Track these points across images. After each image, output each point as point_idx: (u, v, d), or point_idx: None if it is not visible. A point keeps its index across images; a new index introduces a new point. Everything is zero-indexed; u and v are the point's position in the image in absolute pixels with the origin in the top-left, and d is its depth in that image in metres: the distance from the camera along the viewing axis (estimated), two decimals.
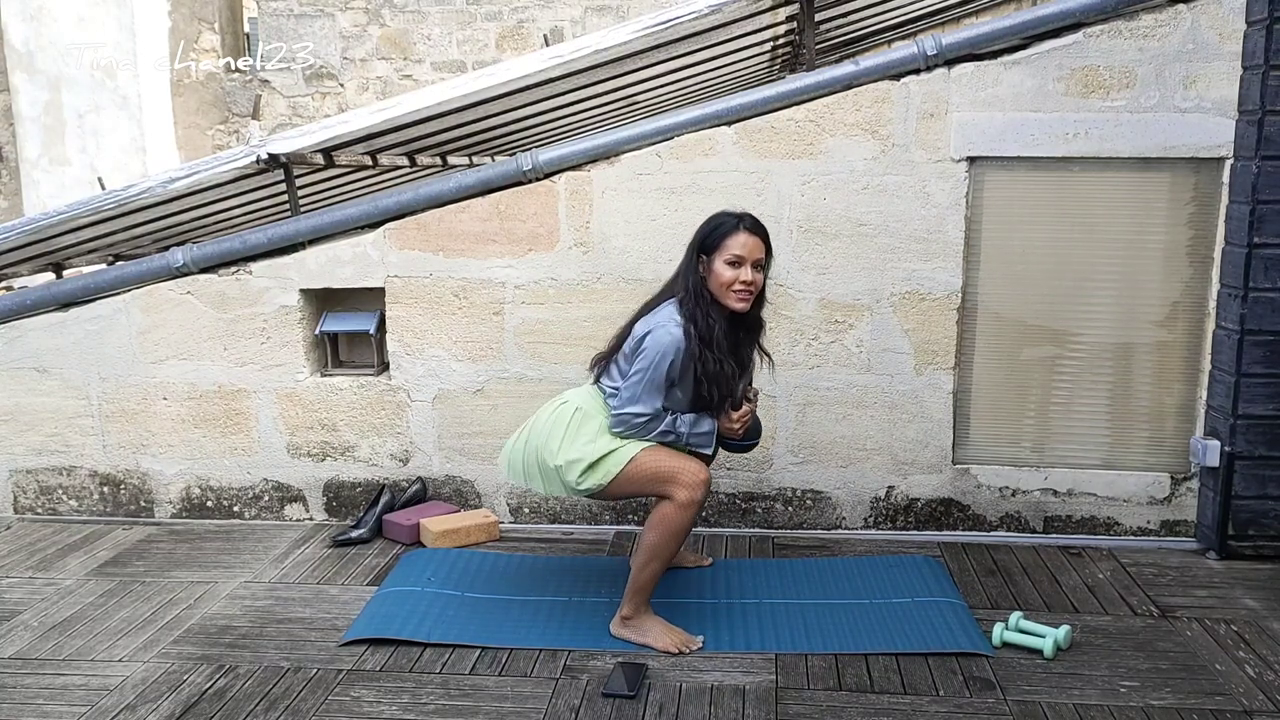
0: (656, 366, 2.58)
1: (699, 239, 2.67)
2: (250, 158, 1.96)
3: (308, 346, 3.64)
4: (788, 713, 2.38)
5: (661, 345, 2.58)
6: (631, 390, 2.62)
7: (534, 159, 2.61)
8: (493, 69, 1.96)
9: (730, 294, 2.62)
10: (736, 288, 2.61)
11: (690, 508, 2.60)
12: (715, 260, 2.62)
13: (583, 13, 7.66)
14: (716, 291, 2.63)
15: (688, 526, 2.65)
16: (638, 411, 2.62)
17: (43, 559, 3.39)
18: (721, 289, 2.62)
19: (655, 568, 2.67)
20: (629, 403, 2.62)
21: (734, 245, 2.61)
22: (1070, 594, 3.01)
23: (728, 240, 2.61)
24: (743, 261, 2.60)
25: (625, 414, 2.63)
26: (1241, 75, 3.14)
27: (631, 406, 2.62)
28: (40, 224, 2.07)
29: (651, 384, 2.60)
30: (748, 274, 2.61)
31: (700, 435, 2.69)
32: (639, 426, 2.63)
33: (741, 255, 2.60)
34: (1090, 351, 3.40)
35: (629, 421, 2.63)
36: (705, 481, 2.62)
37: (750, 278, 2.61)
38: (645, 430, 2.64)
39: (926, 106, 3.26)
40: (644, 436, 2.65)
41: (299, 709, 2.42)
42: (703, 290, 2.64)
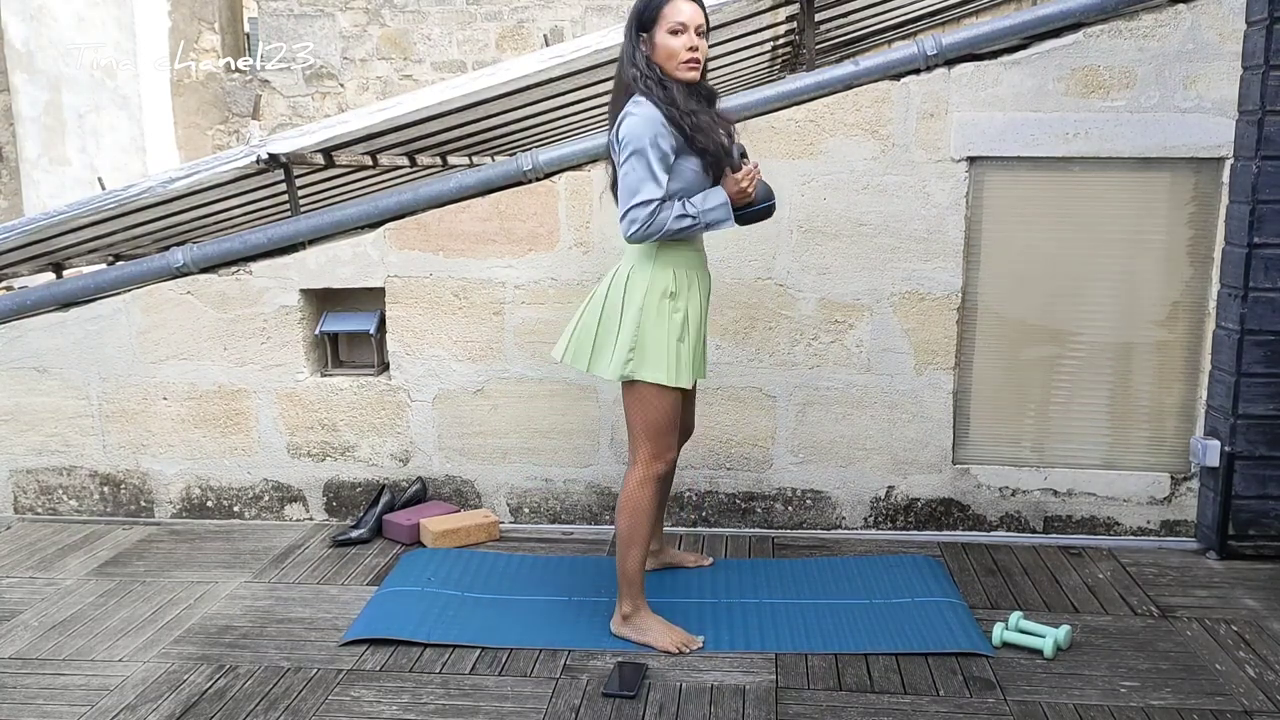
0: (643, 150, 2.47)
1: (635, 15, 2.57)
2: (250, 158, 1.96)
3: (308, 346, 3.64)
4: (788, 713, 2.39)
5: (637, 127, 2.48)
6: (630, 184, 2.50)
7: (534, 159, 2.61)
8: (493, 69, 1.96)
9: (680, 65, 2.53)
10: (684, 57, 2.52)
11: (647, 484, 2.63)
12: (657, 33, 2.53)
13: (583, 13, 7.66)
14: (664, 65, 2.53)
15: (652, 503, 2.66)
16: (643, 199, 2.48)
17: (43, 559, 3.39)
18: (670, 61, 2.52)
19: (635, 553, 2.67)
20: (631, 195, 2.50)
21: (673, 13, 2.51)
22: (1070, 594, 3.01)
23: (665, 9, 2.52)
24: (685, 28, 2.51)
25: (632, 208, 2.50)
26: (1241, 75, 3.14)
27: (635, 198, 2.49)
28: (40, 224, 2.07)
29: (645, 168, 2.48)
30: (692, 39, 2.52)
31: (714, 209, 2.56)
32: (649, 218, 2.49)
33: (684, 22, 2.51)
34: (1090, 351, 3.40)
35: (637, 217, 2.49)
36: (671, 461, 2.68)
37: (696, 43, 2.53)
38: (656, 221, 2.50)
39: (926, 106, 3.26)
40: (659, 228, 2.51)
41: (299, 709, 2.42)
42: (650, 66, 2.54)
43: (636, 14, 2.57)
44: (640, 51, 2.56)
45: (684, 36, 2.52)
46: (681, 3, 2.52)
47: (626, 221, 2.52)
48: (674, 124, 2.50)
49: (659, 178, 2.49)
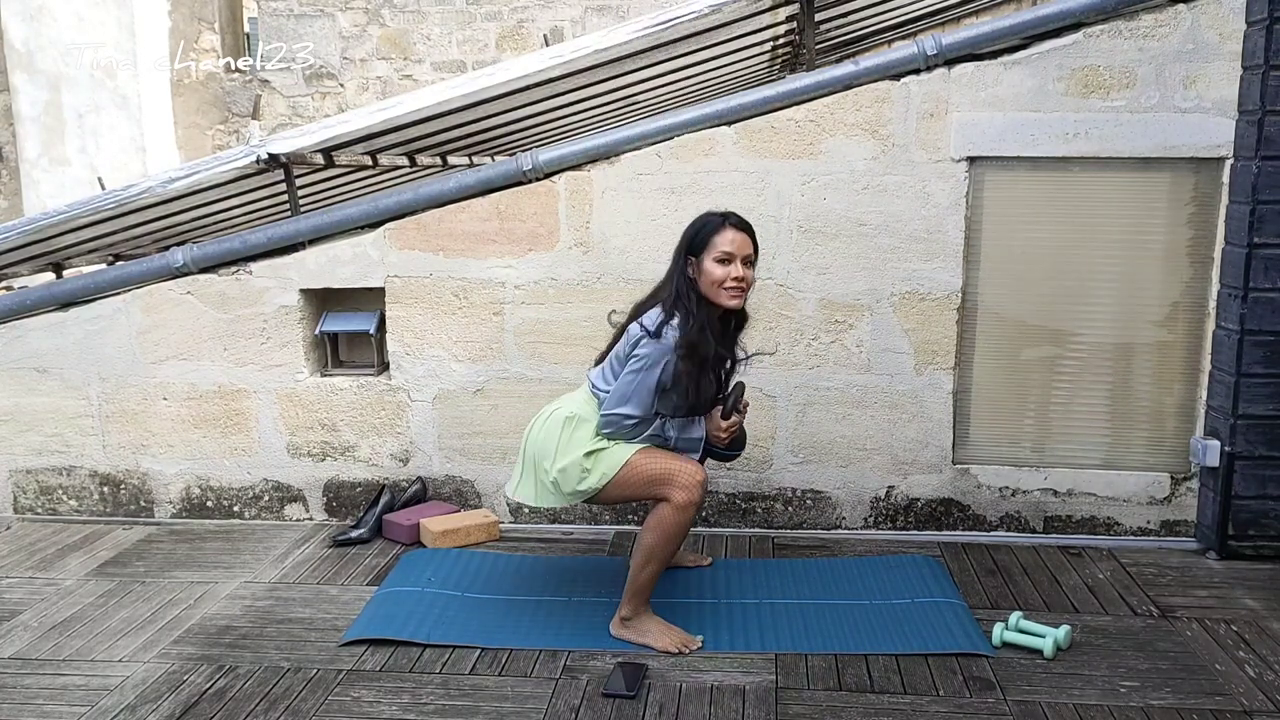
0: (649, 369, 2.58)
1: (686, 241, 2.68)
2: (250, 158, 1.96)
3: (308, 346, 3.64)
4: (788, 713, 2.38)
5: (655, 350, 2.58)
6: (623, 391, 2.62)
7: (534, 159, 2.61)
8: (493, 69, 1.96)
9: (723, 291, 2.62)
10: (728, 284, 2.62)
11: (688, 509, 2.61)
12: (704, 260, 2.63)
13: (583, 13, 7.66)
14: (708, 291, 2.63)
15: (685, 528, 2.66)
16: (628, 413, 2.61)
17: (43, 559, 3.39)
18: (713, 287, 2.62)
19: (653, 569, 2.67)
20: (620, 403, 2.62)
21: (722, 243, 2.61)
22: (1070, 594, 3.01)
23: (715, 238, 2.62)
24: (732, 258, 2.61)
25: (615, 415, 2.63)
26: (1241, 75, 3.14)
27: (622, 407, 2.62)
28: (40, 224, 2.07)
29: (643, 386, 2.60)
30: (738, 270, 2.61)
31: (689, 441, 2.70)
32: (628, 429, 2.63)
33: (730, 252, 2.61)
34: (1090, 351, 3.40)
35: (618, 423, 2.63)
36: (702, 483, 2.63)
37: (741, 273, 2.62)
38: (634, 433, 2.64)
39: (926, 106, 3.26)
40: (632, 439, 2.65)
41: (299, 709, 2.42)
42: (691, 291, 2.64)
43: (688, 238, 2.67)
44: (685, 275, 2.64)
45: (731, 266, 2.61)
46: (731, 232, 2.62)
47: (607, 420, 2.64)
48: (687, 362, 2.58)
49: (651, 399, 2.61)
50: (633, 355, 2.62)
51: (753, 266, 2.68)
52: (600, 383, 2.72)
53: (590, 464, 2.64)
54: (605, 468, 2.63)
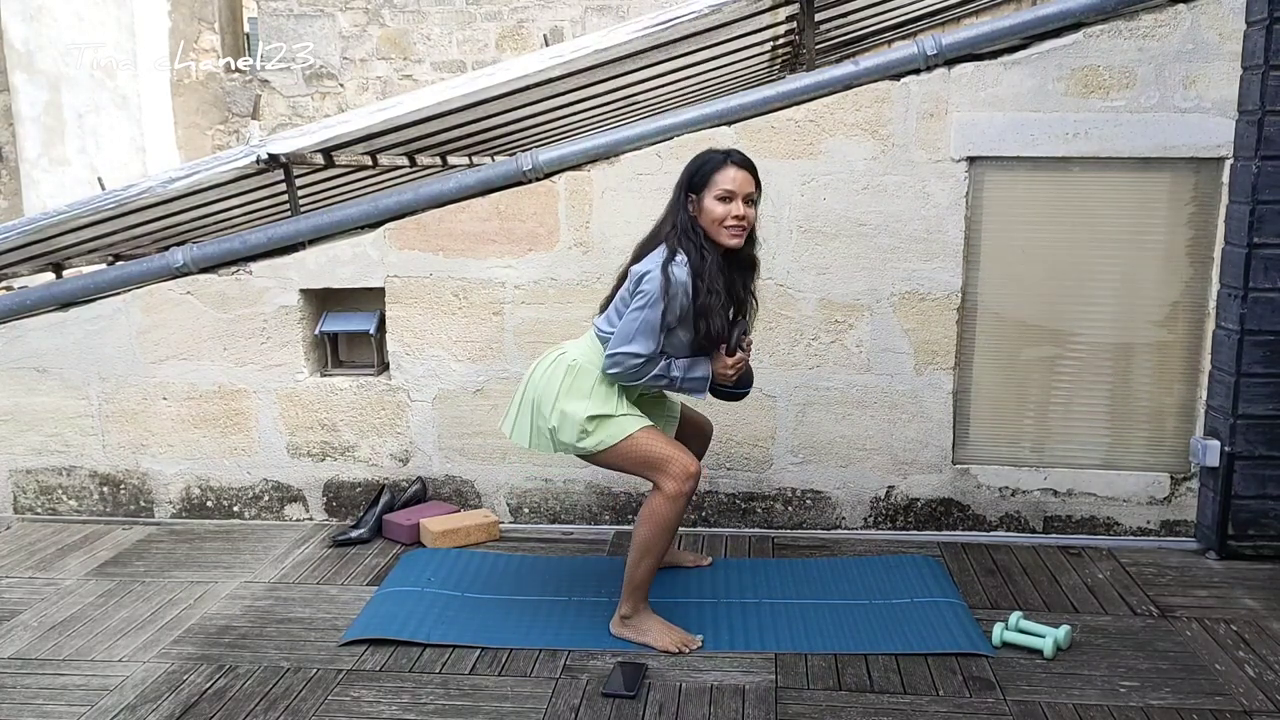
0: (654, 305, 2.52)
1: (686, 177, 2.62)
2: (250, 158, 1.96)
3: (308, 346, 3.64)
4: (787, 713, 2.38)
5: (659, 283, 2.52)
6: (628, 329, 2.55)
7: (534, 159, 2.61)
8: (493, 69, 1.96)
9: (723, 230, 2.58)
10: (729, 223, 2.57)
11: (678, 499, 2.60)
12: (705, 197, 2.58)
13: (583, 13, 7.66)
14: (709, 229, 2.58)
15: (677, 519, 2.65)
16: (634, 351, 2.55)
17: (43, 559, 3.39)
18: (713, 225, 2.58)
19: (649, 563, 2.67)
20: (625, 341, 2.56)
21: (723, 180, 2.56)
22: (1070, 594, 3.01)
23: (716, 175, 2.57)
24: (733, 196, 2.56)
25: (621, 354, 2.56)
26: (1241, 75, 3.14)
27: (627, 345, 2.55)
28: (40, 224, 2.07)
29: (648, 324, 2.54)
30: (739, 208, 2.57)
31: (694, 380, 2.64)
32: (634, 368, 2.57)
33: (732, 190, 2.56)
34: (1090, 351, 3.40)
35: (624, 363, 2.57)
36: (695, 474, 2.62)
37: (742, 212, 2.57)
38: (640, 372, 2.58)
39: (926, 106, 3.26)
40: (639, 379, 2.60)
41: (299, 709, 2.42)
42: (693, 227, 2.59)
43: (688, 175, 2.63)
44: (686, 211, 2.60)
45: (732, 204, 2.57)
46: (733, 170, 2.57)
47: (612, 361, 2.58)
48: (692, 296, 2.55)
49: (658, 336, 2.56)
50: (637, 293, 2.56)
51: (755, 205, 2.63)
52: (605, 326, 2.67)
53: (592, 427, 2.60)
54: (606, 435, 2.60)
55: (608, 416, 2.61)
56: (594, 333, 2.72)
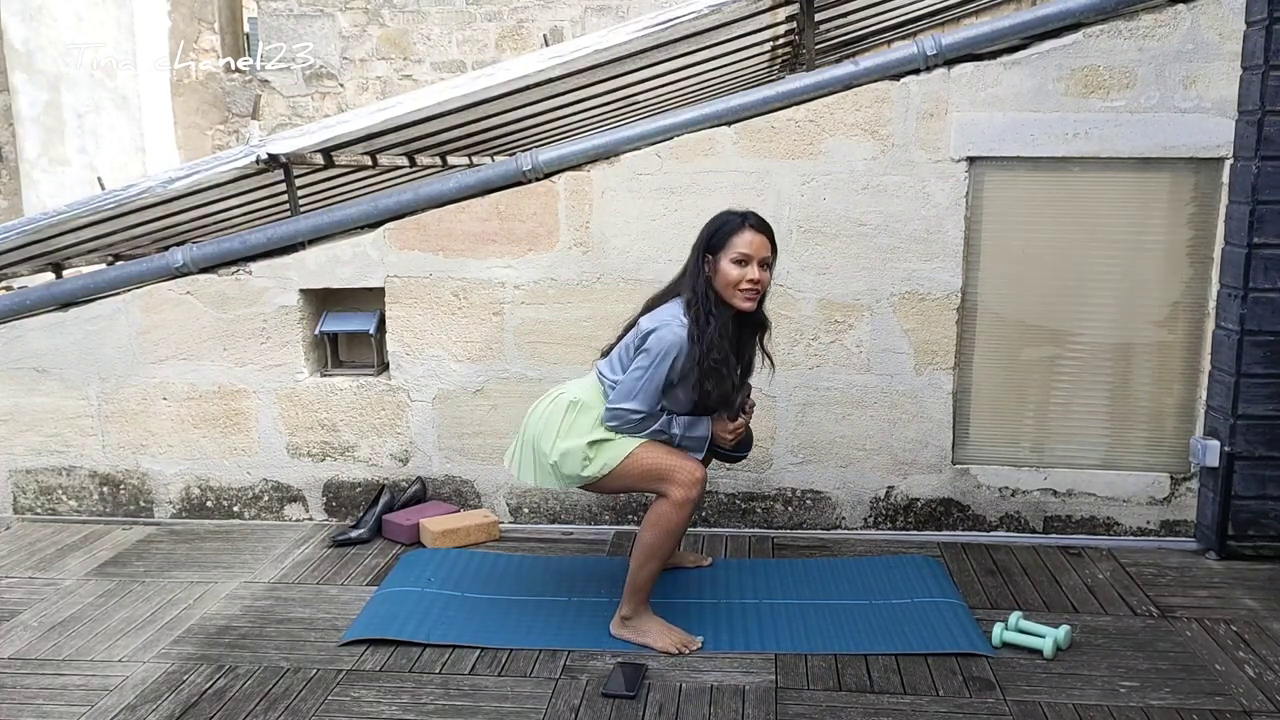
0: (658, 365, 2.57)
1: (704, 238, 2.66)
2: (250, 158, 1.96)
3: (308, 346, 3.64)
4: (787, 713, 2.38)
5: (665, 343, 2.57)
6: (630, 386, 2.61)
7: (534, 159, 2.61)
8: (493, 69, 1.96)
9: (737, 293, 2.61)
10: (743, 286, 2.61)
11: (685, 506, 2.61)
12: (721, 259, 2.61)
13: (583, 13, 7.66)
14: (723, 291, 2.62)
15: (684, 525, 2.66)
16: (634, 408, 2.60)
17: (42, 559, 3.39)
18: (728, 288, 2.62)
19: (653, 567, 2.67)
20: (626, 398, 2.61)
21: (740, 244, 2.60)
22: (1070, 594, 3.01)
23: (734, 239, 2.61)
24: (749, 260, 2.60)
25: (621, 409, 2.62)
26: (1241, 75, 3.14)
27: (628, 402, 2.61)
28: (40, 224, 2.07)
29: (650, 382, 2.59)
30: (754, 272, 2.60)
31: (694, 439, 2.69)
32: (634, 423, 2.62)
33: (748, 254, 2.60)
34: (1090, 351, 3.40)
35: (624, 417, 2.62)
36: (701, 480, 2.63)
37: (757, 276, 2.61)
38: (639, 428, 2.63)
39: (926, 106, 3.26)
40: (637, 434, 2.64)
41: (299, 709, 2.42)
42: (708, 290, 2.63)
43: (706, 235, 2.66)
44: (702, 273, 2.63)
45: (747, 268, 2.60)
46: (750, 234, 2.60)
47: (612, 415, 2.63)
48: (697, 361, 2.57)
49: (658, 395, 2.61)
50: (642, 350, 2.61)
51: (769, 269, 2.66)
52: (608, 372, 2.71)
53: (593, 453, 2.63)
54: (607, 458, 2.63)
55: (607, 440, 2.65)
56: (596, 375, 2.76)
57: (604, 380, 2.72)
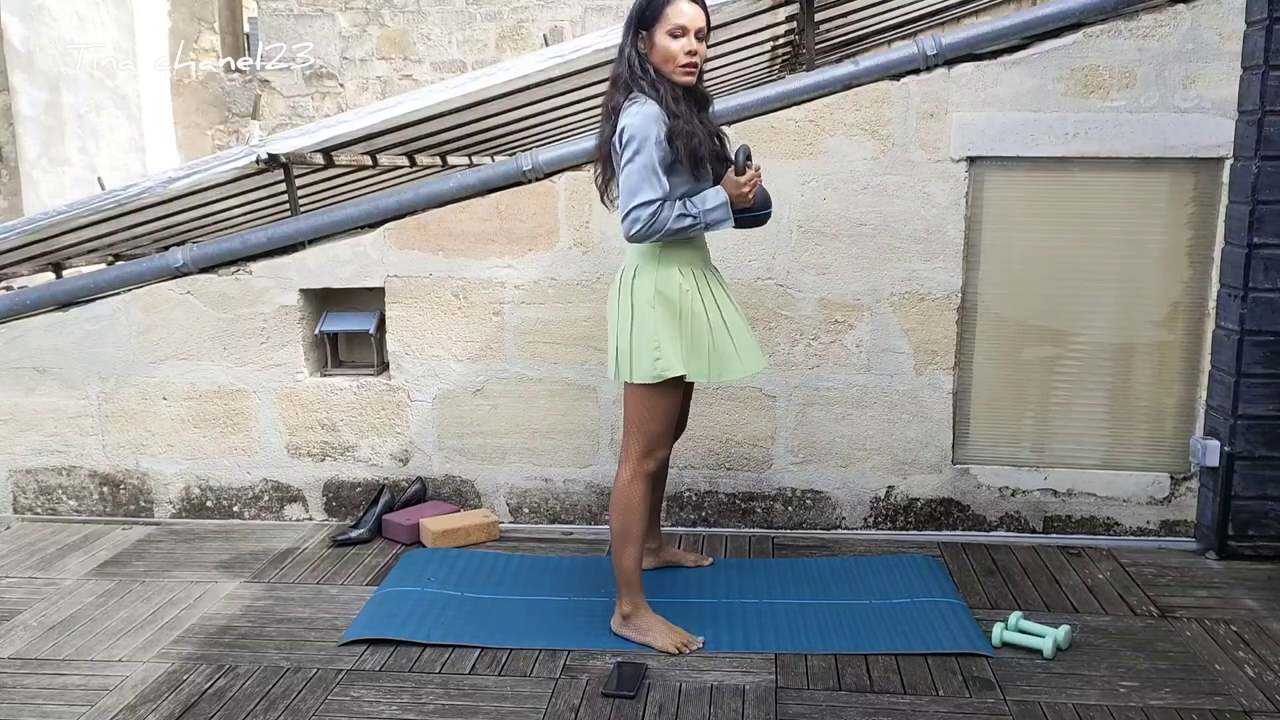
0: (644, 147, 2.45)
1: (636, 12, 2.54)
2: (250, 158, 1.96)
3: (307, 346, 3.64)
4: (787, 713, 2.38)
5: (636, 122, 2.46)
6: (631, 183, 2.48)
7: (534, 159, 2.60)
8: (492, 69, 1.96)
9: (677, 69, 2.52)
10: (681, 60, 2.50)
11: (637, 481, 2.63)
12: (656, 34, 2.51)
13: (583, 13, 7.66)
14: (661, 66, 2.52)
15: (643, 501, 2.66)
16: (644, 200, 2.46)
17: (42, 559, 3.39)
18: (667, 63, 2.51)
19: (631, 550, 2.67)
20: (632, 195, 2.48)
21: (674, 15, 2.49)
22: (1070, 594, 3.01)
23: (667, 10, 2.50)
24: (686, 32, 2.49)
25: (633, 209, 2.46)
26: (1241, 75, 3.14)
27: (636, 198, 2.47)
28: (40, 224, 2.07)
29: (646, 168, 2.46)
30: (692, 43, 2.51)
31: (714, 209, 2.55)
32: (650, 218, 2.47)
33: (684, 24, 2.49)
34: (1090, 351, 3.40)
35: (639, 216, 2.46)
36: (658, 459, 2.67)
37: (694, 47, 2.51)
38: (658, 221, 2.48)
39: (926, 106, 3.26)
40: (661, 229, 2.49)
41: (299, 709, 2.42)
42: (646, 65, 2.53)
43: (638, 11, 2.54)
44: (638, 50, 2.54)
45: (684, 40, 2.50)
46: (684, 4, 2.50)
47: (629, 221, 2.49)
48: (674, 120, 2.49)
49: (660, 178, 2.48)
50: (625, 145, 2.49)
51: (705, 41, 2.55)
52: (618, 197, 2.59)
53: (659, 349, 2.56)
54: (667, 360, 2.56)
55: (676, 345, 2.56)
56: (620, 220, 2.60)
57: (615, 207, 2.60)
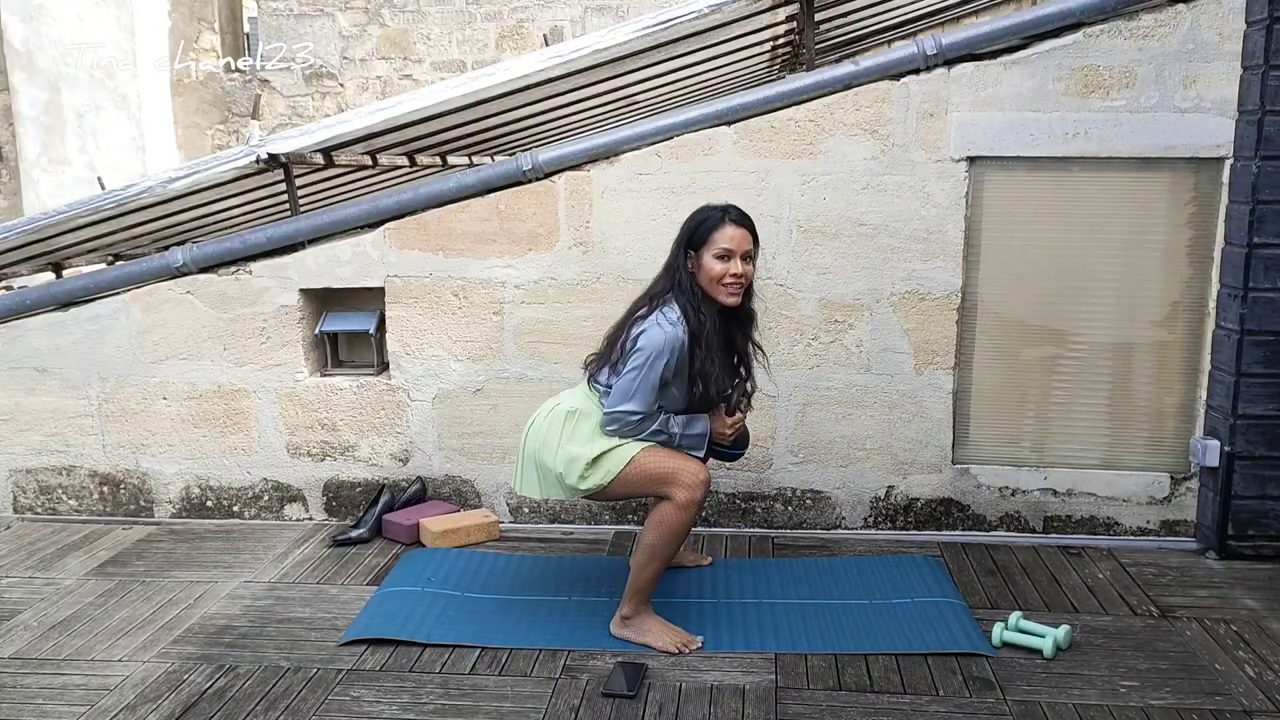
0: (651, 364, 2.56)
1: (685, 235, 2.66)
2: (250, 157, 1.96)
3: (307, 346, 3.64)
4: (787, 713, 2.38)
5: (656, 342, 2.56)
6: (625, 387, 2.60)
7: (534, 159, 2.61)
8: (492, 69, 1.96)
9: (721, 288, 2.62)
10: (727, 281, 2.61)
11: (690, 508, 2.60)
12: (704, 255, 2.61)
13: (583, 13, 7.66)
14: (706, 287, 2.63)
15: (687, 527, 2.65)
16: (631, 410, 2.60)
17: (42, 559, 3.39)
18: (712, 283, 2.62)
19: (655, 568, 2.67)
20: (623, 400, 2.60)
21: (721, 239, 2.60)
22: (1070, 594, 3.01)
23: (715, 234, 2.60)
24: (732, 255, 2.60)
25: (618, 412, 2.61)
26: (1241, 75, 3.14)
27: (625, 404, 2.60)
28: (40, 224, 2.07)
29: (645, 381, 2.58)
30: (738, 266, 2.60)
31: (693, 437, 2.69)
32: (632, 425, 2.62)
33: (730, 248, 2.59)
34: (1090, 351, 3.40)
35: (622, 420, 2.62)
36: (705, 482, 2.63)
37: (740, 270, 2.61)
38: (638, 429, 2.63)
39: (926, 106, 3.26)
40: (637, 436, 2.64)
41: (299, 709, 2.42)
42: (693, 286, 2.63)
43: (687, 232, 2.65)
44: (685, 269, 2.63)
45: (730, 262, 2.60)
46: (731, 228, 2.60)
47: (610, 418, 2.62)
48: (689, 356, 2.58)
49: (654, 394, 2.59)
50: (634, 351, 2.60)
51: (752, 262, 2.66)
52: (601, 378, 2.71)
53: (596, 462, 2.63)
54: (610, 465, 2.62)
55: (609, 449, 2.64)
56: (587, 382, 2.76)
57: (598, 387, 2.71)
